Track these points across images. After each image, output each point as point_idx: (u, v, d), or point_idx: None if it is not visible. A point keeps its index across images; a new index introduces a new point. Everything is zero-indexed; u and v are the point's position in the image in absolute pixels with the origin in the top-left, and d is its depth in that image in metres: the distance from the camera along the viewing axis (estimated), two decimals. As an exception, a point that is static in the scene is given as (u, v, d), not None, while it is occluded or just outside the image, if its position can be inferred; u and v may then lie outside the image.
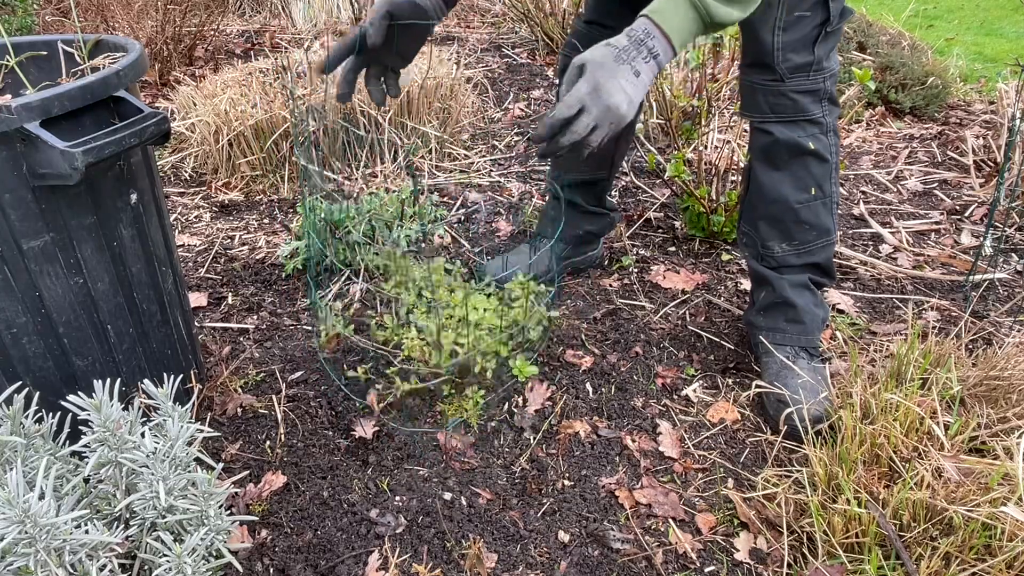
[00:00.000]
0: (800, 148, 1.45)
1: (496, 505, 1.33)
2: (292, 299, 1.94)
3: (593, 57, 1.11)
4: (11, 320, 1.15)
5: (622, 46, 1.11)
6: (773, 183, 1.49)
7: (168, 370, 1.42)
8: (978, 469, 1.18)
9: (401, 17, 1.32)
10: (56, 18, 3.96)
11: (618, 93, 1.08)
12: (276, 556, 1.24)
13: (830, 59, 1.44)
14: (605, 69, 1.09)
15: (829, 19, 1.37)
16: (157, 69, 3.50)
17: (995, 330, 1.75)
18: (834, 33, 1.41)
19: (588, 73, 1.09)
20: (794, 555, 1.23)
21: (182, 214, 2.41)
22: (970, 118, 3.12)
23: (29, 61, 1.40)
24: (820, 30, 1.38)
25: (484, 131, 2.94)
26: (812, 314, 1.56)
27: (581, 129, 1.08)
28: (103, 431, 0.97)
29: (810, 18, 1.36)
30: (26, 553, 0.86)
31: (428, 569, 1.20)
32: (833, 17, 1.38)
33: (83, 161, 1.05)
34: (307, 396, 1.59)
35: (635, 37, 1.11)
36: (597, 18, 1.67)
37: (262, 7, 4.84)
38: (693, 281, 1.98)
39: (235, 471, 1.40)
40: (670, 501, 1.33)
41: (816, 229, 1.51)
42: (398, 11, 1.31)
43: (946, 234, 2.24)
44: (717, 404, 1.56)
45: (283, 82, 2.50)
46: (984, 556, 1.11)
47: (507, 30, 4.41)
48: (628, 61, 1.10)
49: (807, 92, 1.42)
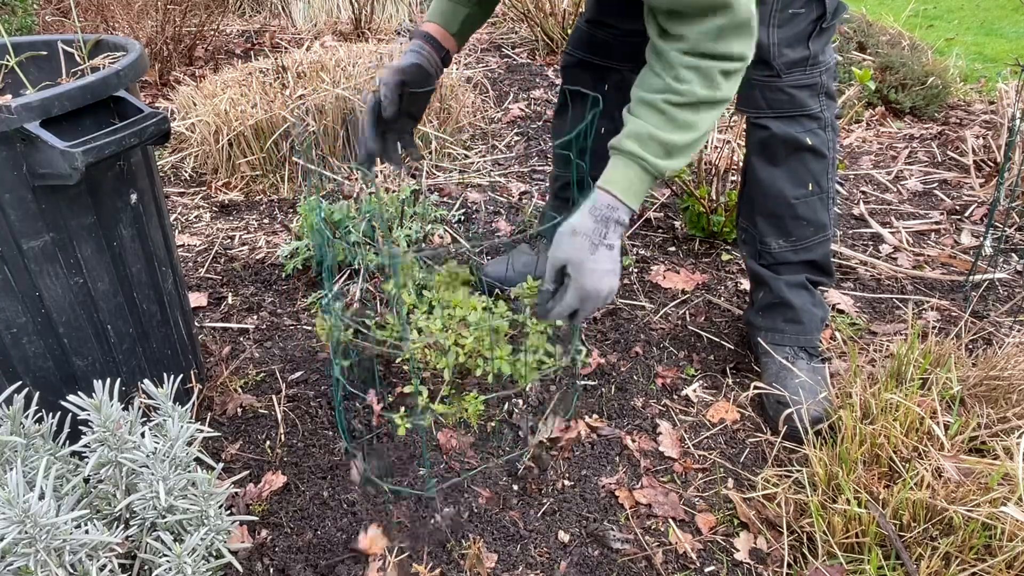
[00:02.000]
0: (797, 143, 1.45)
1: (496, 505, 1.33)
2: (292, 299, 1.94)
3: (570, 257, 1.15)
4: (11, 320, 1.15)
5: (591, 230, 1.15)
6: (771, 179, 1.49)
7: (168, 370, 1.42)
8: (978, 469, 1.18)
9: (412, 84, 1.36)
10: (56, 18, 3.96)
11: (604, 282, 1.15)
12: (276, 556, 1.24)
13: (826, 54, 1.44)
14: (585, 270, 1.14)
15: (824, 15, 1.38)
16: (157, 69, 3.50)
17: (995, 330, 1.75)
18: (829, 29, 1.41)
19: (573, 280, 1.15)
20: (794, 555, 1.23)
21: (182, 214, 2.41)
22: (970, 118, 3.12)
23: (29, 61, 1.40)
24: (815, 26, 1.38)
25: (483, 131, 2.93)
26: (811, 314, 1.56)
27: (579, 320, 1.21)
28: (103, 431, 0.97)
29: (804, 14, 1.36)
30: (26, 553, 0.86)
31: (428, 569, 1.20)
32: (828, 13, 1.38)
33: (83, 161, 1.05)
34: (307, 396, 1.59)
35: (599, 215, 1.15)
36: (598, 17, 1.67)
37: (262, 7, 4.84)
38: (693, 281, 1.98)
39: (235, 471, 1.40)
40: (670, 501, 1.33)
41: (813, 225, 1.51)
42: (410, 78, 1.36)
43: (946, 234, 2.24)
44: (717, 404, 1.56)
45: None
46: (984, 556, 1.11)
47: (507, 30, 4.41)
48: (601, 243, 1.15)
49: (804, 87, 1.42)
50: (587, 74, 1.71)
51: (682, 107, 1.15)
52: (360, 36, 4.07)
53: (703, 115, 1.16)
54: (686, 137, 1.16)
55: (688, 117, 1.16)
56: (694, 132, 1.16)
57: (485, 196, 2.46)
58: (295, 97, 2.53)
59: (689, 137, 1.16)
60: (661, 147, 1.16)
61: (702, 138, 1.19)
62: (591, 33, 1.68)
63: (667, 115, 1.16)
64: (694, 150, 1.19)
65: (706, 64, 1.13)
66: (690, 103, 1.15)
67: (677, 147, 1.16)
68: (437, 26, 1.43)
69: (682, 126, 1.16)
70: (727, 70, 1.14)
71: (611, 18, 1.63)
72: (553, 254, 1.18)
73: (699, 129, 1.17)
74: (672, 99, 1.14)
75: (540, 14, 3.83)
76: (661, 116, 1.16)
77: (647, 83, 1.18)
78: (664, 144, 1.16)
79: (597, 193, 1.18)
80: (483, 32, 4.43)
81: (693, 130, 1.16)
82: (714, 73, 1.13)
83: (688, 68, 1.13)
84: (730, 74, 1.15)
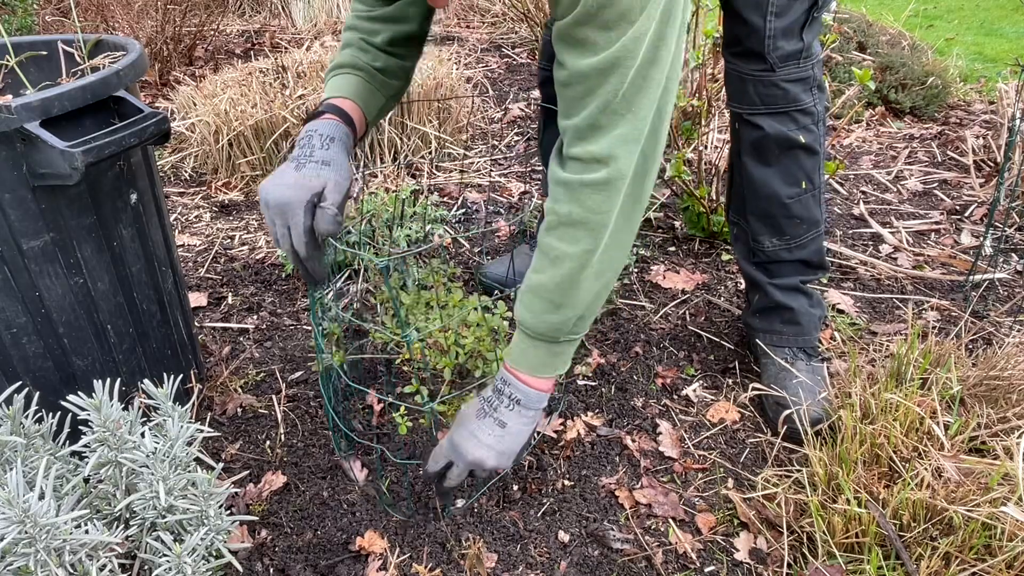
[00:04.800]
0: (790, 142, 1.43)
1: (496, 505, 1.33)
2: (292, 299, 1.94)
3: (462, 411, 1.14)
4: (11, 320, 1.15)
5: (486, 396, 1.11)
6: (764, 178, 1.47)
7: (168, 370, 1.42)
8: (978, 469, 1.18)
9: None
10: (56, 18, 3.96)
11: (477, 449, 1.09)
12: (276, 556, 1.24)
13: (815, 45, 1.42)
14: (463, 427, 1.11)
15: (816, 2, 1.36)
16: (157, 69, 3.50)
17: (995, 330, 1.75)
18: (819, 19, 1.39)
19: (453, 429, 1.13)
20: (794, 555, 1.23)
21: (182, 214, 2.41)
22: (970, 118, 3.12)
23: (29, 61, 1.40)
24: (808, 15, 1.35)
25: (483, 131, 2.93)
26: (808, 315, 1.56)
27: (455, 477, 1.13)
28: (103, 431, 0.97)
29: (801, 1, 1.34)
30: (26, 553, 0.86)
31: (428, 569, 1.20)
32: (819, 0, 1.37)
33: (83, 161, 1.05)
34: (307, 396, 1.59)
35: (496, 387, 1.10)
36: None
37: (262, 7, 4.84)
38: (693, 281, 1.98)
39: (235, 471, 1.40)
40: (670, 501, 1.33)
41: (806, 223, 1.50)
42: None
43: (946, 234, 2.24)
44: (717, 404, 1.56)
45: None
46: (984, 556, 1.11)
47: (507, 30, 4.41)
48: (490, 413, 1.10)
49: (798, 80, 1.40)
50: None
51: (551, 231, 1.01)
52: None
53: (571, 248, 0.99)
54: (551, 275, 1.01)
55: (552, 243, 1.01)
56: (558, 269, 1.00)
57: (485, 196, 2.46)
58: (295, 97, 2.53)
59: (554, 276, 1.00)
60: (533, 296, 1.03)
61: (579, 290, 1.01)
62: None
63: (540, 248, 1.03)
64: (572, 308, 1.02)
65: (566, 176, 0.99)
66: (551, 225, 1.01)
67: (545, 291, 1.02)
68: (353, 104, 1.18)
69: (550, 259, 1.01)
70: (587, 181, 0.97)
71: None
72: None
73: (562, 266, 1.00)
74: (544, 226, 1.02)
75: (540, 14, 3.83)
76: (539, 251, 1.03)
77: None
78: (533, 290, 1.03)
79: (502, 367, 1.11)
80: (483, 32, 4.43)
81: (557, 266, 1.00)
82: (575, 185, 0.98)
83: (557, 183, 1.00)
84: (591, 185, 0.97)
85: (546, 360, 1.07)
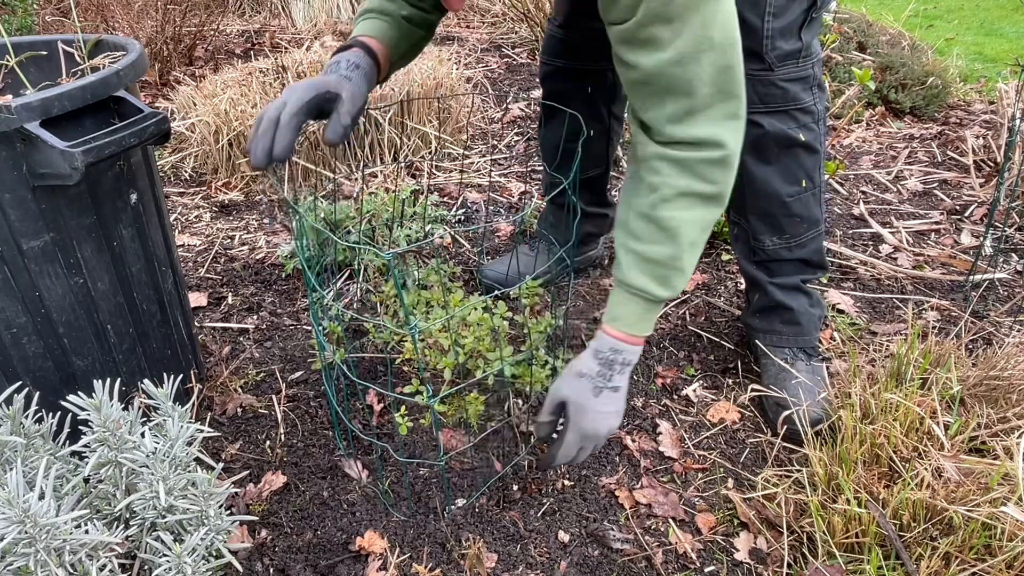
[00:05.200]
0: (790, 140, 1.43)
1: (496, 505, 1.33)
2: (292, 299, 1.94)
3: (571, 398, 1.15)
4: (11, 320, 1.15)
5: (595, 373, 1.14)
6: (764, 176, 1.47)
7: (168, 370, 1.42)
8: (978, 469, 1.18)
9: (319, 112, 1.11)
10: (56, 18, 3.96)
11: (604, 423, 1.15)
12: (276, 556, 1.24)
13: (815, 44, 1.42)
14: (587, 413, 1.14)
15: (815, 3, 1.36)
16: (157, 69, 3.50)
17: (995, 330, 1.75)
18: (817, 19, 1.40)
19: (572, 421, 1.15)
20: (794, 555, 1.23)
21: (182, 214, 2.41)
22: (970, 118, 3.12)
23: (29, 61, 1.40)
24: (807, 15, 1.36)
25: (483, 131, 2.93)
26: (808, 315, 1.56)
27: (581, 459, 1.21)
28: (103, 431, 0.97)
29: (799, 2, 1.34)
30: (26, 553, 0.86)
31: (428, 569, 1.20)
32: (818, 1, 1.37)
33: (83, 161, 1.05)
34: (307, 396, 1.59)
35: (604, 359, 1.14)
36: (571, 19, 1.64)
37: (262, 7, 4.84)
38: (693, 281, 1.98)
39: (235, 471, 1.40)
40: (670, 501, 1.33)
41: (807, 221, 1.50)
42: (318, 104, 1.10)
43: (946, 234, 2.24)
44: (717, 404, 1.56)
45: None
46: (984, 556, 1.11)
47: (507, 30, 4.41)
48: (605, 386, 1.14)
49: (797, 80, 1.40)
50: (568, 80, 1.70)
51: (662, 204, 1.06)
52: (360, 36, 4.06)
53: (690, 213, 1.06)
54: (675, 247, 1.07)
55: (670, 215, 1.06)
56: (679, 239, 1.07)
57: (485, 196, 2.46)
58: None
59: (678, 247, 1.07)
60: (657, 267, 1.09)
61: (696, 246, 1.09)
62: (565, 38, 1.66)
63: (652, 219, 1.07)
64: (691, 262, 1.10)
65: (679, 154, 1.04)
66: (667, 198, 1.06)
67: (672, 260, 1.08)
68: (378, 43, 1.24)
69: (669, 232, 1.07)
70: (707, 159, 1.03)
71: (585, 17, 1.61)
72: (555, 389, 1.19)
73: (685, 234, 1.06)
74: (653, 199, 1.07)
75: (540, 14, 3.83)
76: (648, 223, 1.08)
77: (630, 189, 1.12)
78: (658, 263, 1.08)
79: (602, 335, 1.15)
80: (483, 32, 4.43)
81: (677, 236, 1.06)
82: (692, 163, 1.04)
83: (660, 159, 1.05)
84: (712, 163, 1.04)
85: (652, 319, 1.16)
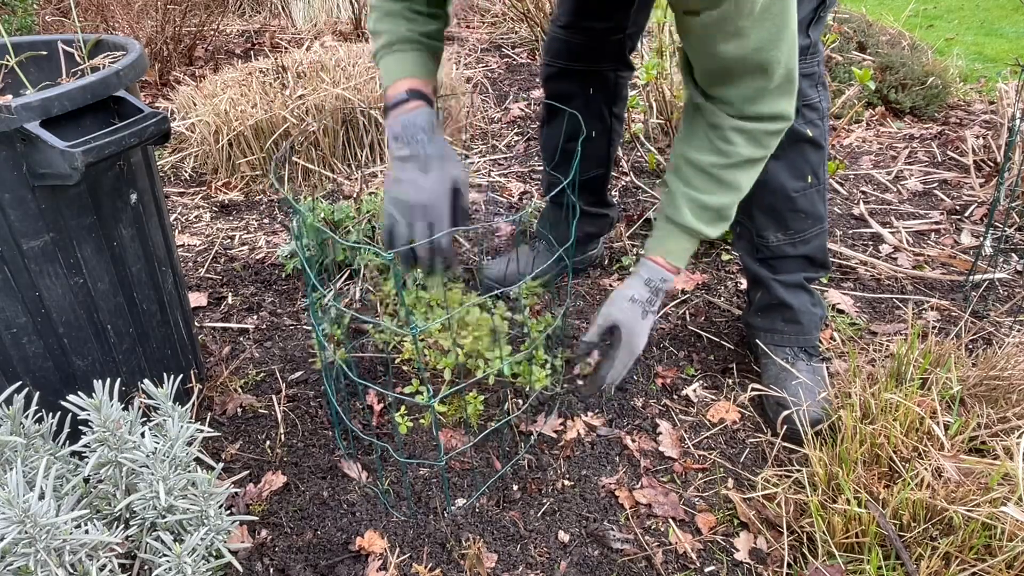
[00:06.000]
0: (797, 135, 1.43)
1: (496, 505, 1.33)
2: (292, 299, 1.94)
3: (624, 321, 1.27)
4: (11, 320, 1.15)
5: (645, 299, 1.28)
6: (771, 171, 1.46)
7: (168, 370, 1.42)
8: (978, 469, 1.18)
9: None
10: (56, 18, 3.96)
11: (643, 343, 1.30)
12: (276, 556, 1.24)
13: (819, 42, 1.44)
14: (636, 334, 1.28)
15: (824, 2, 1.37)
16: (157, 69, 3.50)
17: (995, 330, 1.75)
18: (824, 17, 1.41)
19: (625, 342, 1.28)
20: (794, 555, 1.23)
21: (182, 214, 2.41)
22: (970, 118, 3.12)
23: (29, 61, 1.40)
24: (815, 13, 1.37)
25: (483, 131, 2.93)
26: (809, 314, 1.56)
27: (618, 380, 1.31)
28: (103, 431, 0.98)
29: (808, 1, 1.35)
30: (26, 553, 0.86)
31: (428, 569, 1.20)
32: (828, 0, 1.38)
33: (83, 161, 1.05)
34: (307, 396, 1.59)
35: (654, 287, 1.29)
36: (574, 20, 1.65)
37: (262, 7, 4.84)
38: (693, 281, 1.98)
39: (235, 471, 1.40)
40: (670, 501, 1.33)
41: (811, 217, 1.51)
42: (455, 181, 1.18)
43: (946, 234, 2.24)
44: (717, 404, 1.56)
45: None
46: (984, 556, 1.11)
47: (507, 30, 4.41)
48: (650, 310, 1.29)
49: (805, 76, 1.40)
50: (570, 82, 1.70)
51: (729, 168, 1.23)
52: (360, 36, 4.07)
53: (748, 173, 1.24)
54: (732, 197, 1.25)
55: (734, 177, 1.24)
56: (739, 192, 1.25)
57: (485, 196, 2.46)
58: (295, 97, 2.53)
59: (734, 197, 1.25)
60: (712, 213, 1.25)
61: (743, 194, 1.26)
62: (568, 39, 1.66)
63: (715, 178, 1.24)
64: (735, 208, 1.28)
65: (751, 126, 1.19)
66: (736, 163, 1.22)
67: (725, 208, 1.25)
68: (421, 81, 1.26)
69: (728, 186, 1.24)
70: (771, 130, 1.20)
71: (589, 19, 1.62)
72: (608, 313, 1.29)
73: (743, 188, 1.25)
74: (721, 162, 1.22)
75: (540, 14, 3.83)
76: (710, 179, 1.24)
77: (694, 143, 1.25)
78: (714, 209, 1.25)
79: (652, 264, 1.30)
80: (483, 32, 4.43)
81: (738, 190, 1.25)
82: (759, 134, 1.20)
83: (735, 131, 1.20)
84: (774, 134, 1.21)
85: (690, 251, 1.31)
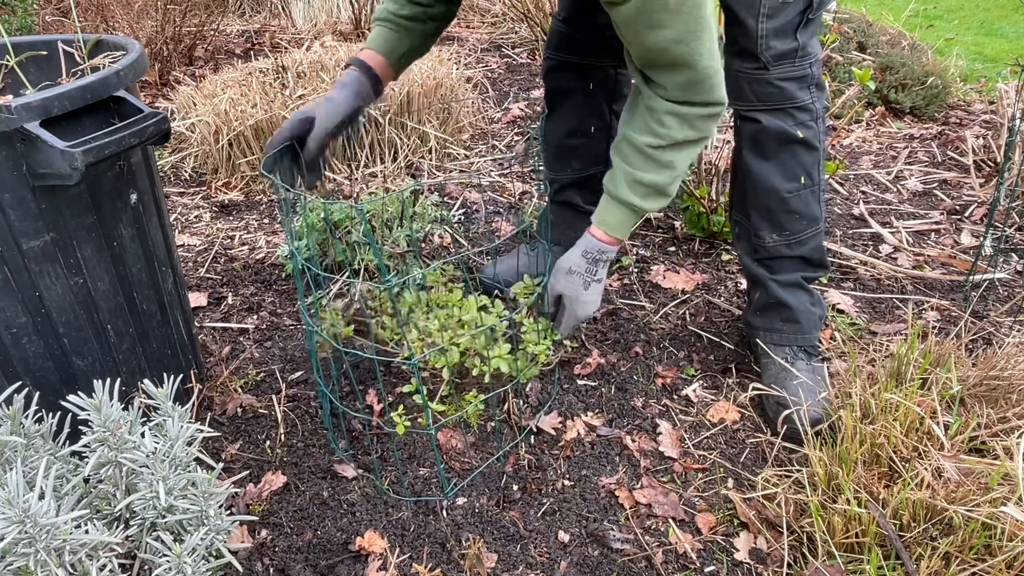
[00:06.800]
0: (788, 136, 1.44)
1: (496, 505, 1.33)
2: (292, 299, 1.94)
3: (566, 292, 1.42)
4: (11, 320, 1.15)
5: (583, 269, 1.40)
6: (763, 172, 1.48)
7: (168, 370, 1.42)
8: (978, 469, 1.18)
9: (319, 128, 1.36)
10: (56, 18, 3.96)
11: (591, 308, 1.43)
12: (276, 556, 1.24)
13: (813, 44, 1.43)
14: (579, 303, 1.42)
15: (811, 5, 1.37)
16: (157, 69, 3.50)
17: (995, 330, 1.75)
18: (815, 20, 1.41)
19: (568, 310, 1.43)
20: (794, 555, 1.23)
21: (182, 214, 2.41)
22: (970, 118, 3.12)
23: (29, 61, 1.40)
24: (803, 16, 1.37)
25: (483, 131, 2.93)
26: (808, 313, 1.56)
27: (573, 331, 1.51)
28: (103, 431, 0.97)
29: (794, 4, 1.36)
30: (26, 553, 0.86)
31: (428, 569, 1.20)
32: (815, 2, 1.38)
33: (83, 161, 1.05)
34: (307, 396, 1.59)
35: (591, 257, 1.40)
36: (575, 14, 1.66)
37: (262, 7, 4.84)
38: (693, 281, 1.98)
39: (235, 471, 1.40)
40: (670, 501, 1.33)
41: (806, 218, 1.51)
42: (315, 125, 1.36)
43: (946, 234, 2.24)
44: (717, 404, 1.56)
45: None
46: (984, 556, 1.11)
47: (507, 30, 4.41)
48: (592, 280, 1.41)
49: (793, 79, 1.41)
50: (570, 75, 1.71)
51: (663, 149, 1.31)
52: (360, 36, 4.07)
53: (683, 153, 1.32)
54: (666, 176, 1.33)
55: (669, 157, 1.32)
56: (674, 171, 1.33)
57: (485, 196, 2.46)
58: (295, 97, 2.53)
59: (669, 176, 1.33)
60: (648, 189, 1.34)
61: (682, 174, 1.35)
62: (569, 33, 1.67)
63: (650, 157, 1.32)
64: (676, 185, 1.36)
65: (685, 110, 1.27)
66: (670, 145, 1.30)
67: (660, 185, 1.33)
68: (374, 53, 1.46)
69: (663, 165, 1.32)
70: (704, 115, 1.28)
71: (588, 13, 1.62)
72: (552, 286, 1.44)
73: (678, 168, 1.33)
74: (654, 143, 1.30)
75: (540, 14, 3.83)
76: (645, 158, 1.32)
77: (634, 124, 1.33)
78: (649, 186, 1.33)
79: (589, 237, 1.40)
80: (483, 32, 4.43)
81: (672, 169, 1.33)
82: (693, 118, 1.28)
83: (669, 114, 1.27)
84: (708, 117, 1.28)
85: (632, 226, 1.41)
